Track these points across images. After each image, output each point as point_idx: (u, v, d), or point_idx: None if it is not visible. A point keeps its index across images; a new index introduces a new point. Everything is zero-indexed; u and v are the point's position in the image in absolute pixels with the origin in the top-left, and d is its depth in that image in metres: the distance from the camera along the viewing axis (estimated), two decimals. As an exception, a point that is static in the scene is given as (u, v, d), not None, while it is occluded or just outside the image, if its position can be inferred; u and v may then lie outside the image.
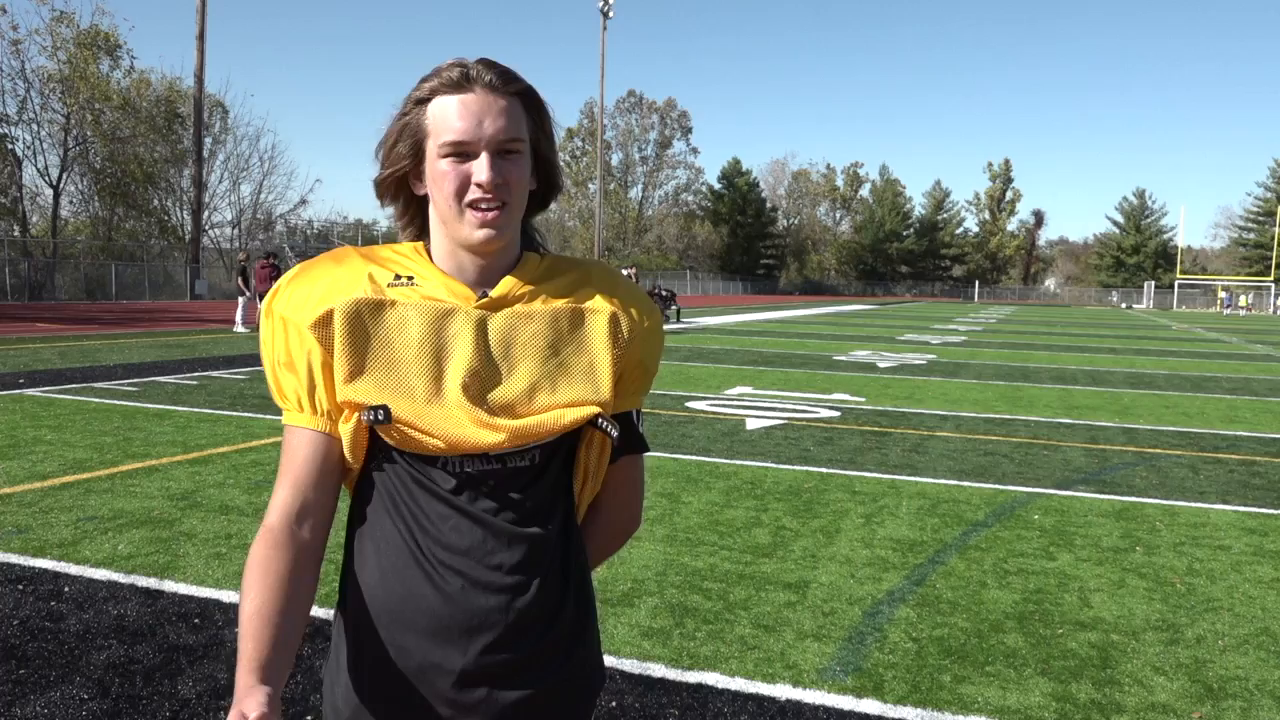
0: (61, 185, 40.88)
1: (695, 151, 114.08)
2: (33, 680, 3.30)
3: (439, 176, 1.26)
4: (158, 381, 11.27)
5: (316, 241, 49.43)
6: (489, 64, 1.28)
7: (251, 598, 1.18)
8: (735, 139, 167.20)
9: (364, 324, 1.27)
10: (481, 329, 1.29)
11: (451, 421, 1.25)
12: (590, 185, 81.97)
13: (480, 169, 1.24)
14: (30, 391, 10.11)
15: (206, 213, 43.06)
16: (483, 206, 1.25)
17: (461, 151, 1.25)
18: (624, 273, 1.58)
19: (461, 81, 1.26)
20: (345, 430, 1.28)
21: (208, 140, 43.25)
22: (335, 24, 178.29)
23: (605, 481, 1.43)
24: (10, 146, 38.35)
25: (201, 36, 36.32)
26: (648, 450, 1.47)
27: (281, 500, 1.26)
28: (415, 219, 1.38)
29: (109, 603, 4.04)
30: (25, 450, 7.03)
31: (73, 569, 4.44)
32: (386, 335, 1.27)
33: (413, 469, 1.28)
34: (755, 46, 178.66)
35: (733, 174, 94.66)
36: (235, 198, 50.62)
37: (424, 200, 1.34)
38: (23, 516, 5.28)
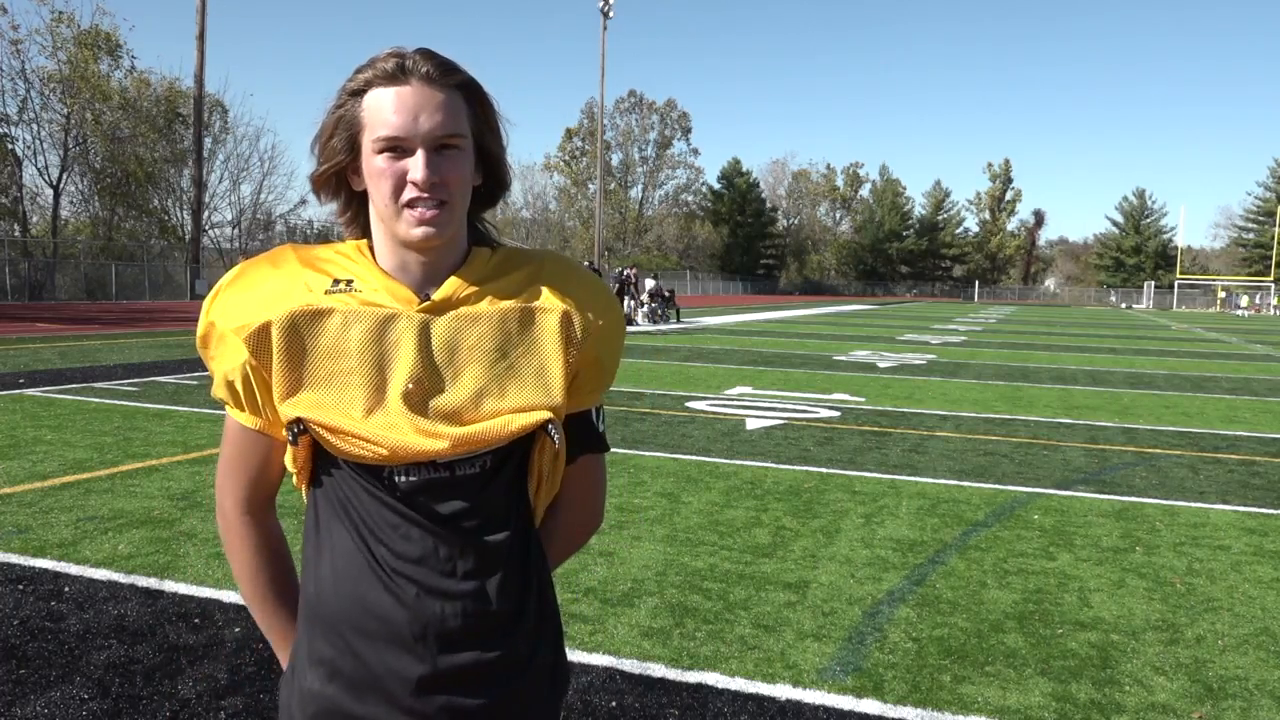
0: (61, 185, 40.95)
1: (695, 152, 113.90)
2: (33, 680, 3.30)
3: (375, 173, 1.21)
4: (158, 381, 11.27)
5: (316, 242, 49.37)
6: (427, 54, 1.22)
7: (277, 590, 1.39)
8: (735, 139, 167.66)
9: (301, 338, 1.22)
10: (424, 334, 1.24)
11: (393, 430, 1.21)
12: (590, 185, 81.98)
13: (416, 166, 1.19)
14: (30, 391, 10.12)
15: (206, 213, 43.09)
16: (420, 205, 1.20)
17: (397, 147, 1.20)
18: (626, 272, 1.56)
19: (397, 73, 1.20)
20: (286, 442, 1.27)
21: (208, 140, 43.29)
22: (335, 23, 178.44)
23: (565, 482, 1.39)
24: (10, 146, 38.40)
25: (201, 36, 36.34)
26: (608, 450, 1.43)
27: (239, 492, 1.37)
28: (358, 215, 1.32)
29: (109, 603, 4.04)
30: (25, 450, 7.03)
31: (73, 569, 4.44)
32: (325, 347, 1.23)
33: (361, 478, 1.25)
34: (755, 46, 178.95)
35: (732, 174, 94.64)
36: (235, 198, 50.80)
37: (364, 196, 1.29)
38: (23, 516, 5.28)
